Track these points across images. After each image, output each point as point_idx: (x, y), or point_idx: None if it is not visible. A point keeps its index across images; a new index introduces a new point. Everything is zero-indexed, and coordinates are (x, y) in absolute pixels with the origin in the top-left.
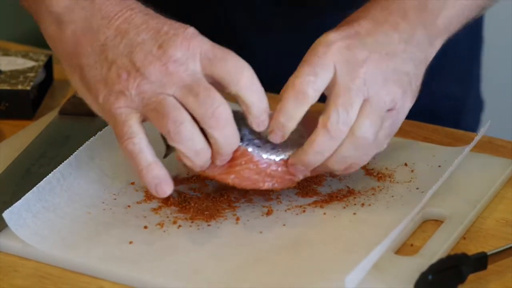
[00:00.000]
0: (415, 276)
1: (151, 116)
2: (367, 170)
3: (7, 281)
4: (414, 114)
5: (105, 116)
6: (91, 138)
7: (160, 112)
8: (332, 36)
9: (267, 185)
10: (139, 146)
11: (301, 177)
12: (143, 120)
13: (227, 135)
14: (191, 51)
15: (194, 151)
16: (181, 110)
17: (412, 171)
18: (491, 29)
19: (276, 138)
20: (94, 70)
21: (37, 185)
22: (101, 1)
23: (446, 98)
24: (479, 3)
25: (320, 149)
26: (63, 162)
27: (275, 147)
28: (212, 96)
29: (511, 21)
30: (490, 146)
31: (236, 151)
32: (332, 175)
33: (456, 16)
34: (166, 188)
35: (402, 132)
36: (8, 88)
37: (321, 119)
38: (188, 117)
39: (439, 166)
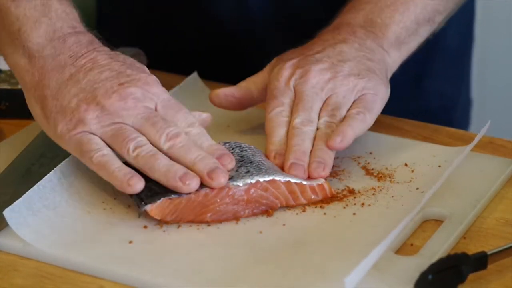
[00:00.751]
0: (415, 275)
1: (110, 141)
2: (367, 170)
3: (7, 281)
4: (409, 112)
5: (64, 144)
6: None
7: (120, 135)
8: (282, 60)
9: (247, 212)
10: (107, 157)
11: (301, 171)
12: None
13: (189, 147)
14: (149, 95)
15: (153, 157)
16: (139, 134)
17: (412, 171)
18: (491, 30)
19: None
20: (55, 101)
21: (38, 183)
22: (71, 42)
23: (439, 96)
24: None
25: (297, 143)
26: (63, 161)
27: (248, 171)
28: (168, 124)
29: (511, 21)
30: (490, 146)
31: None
32: (332, 175)
33: (405, 30)
34: (138, 180)
35: (402, 132)
36: (8, 87)
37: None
38: (145, 139)
39: (439, 166)
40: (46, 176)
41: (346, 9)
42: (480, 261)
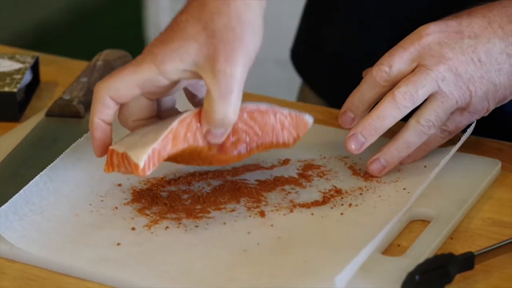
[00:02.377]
0: (402, 276)
1: None
2: (354, 170)
3: None
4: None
5: None
6: (78, 140)
7: None
8: (430, 29)
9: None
10: None
11: (355, 147)
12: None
13: None
14: None
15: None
16: None
17: (399, 170)
18: None
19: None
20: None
21: (24, 188)
22: None
23: None
24: None
25: (383, 114)
26: (50, 164)
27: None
28: None
29: None
30: (476, 146)
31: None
32: (319, 175)
33: None
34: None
35: (389, 132)
36: None
37: (392, 90)
38: None
39: (425, 166)
40: (32, 181)
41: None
42: (467, 261)
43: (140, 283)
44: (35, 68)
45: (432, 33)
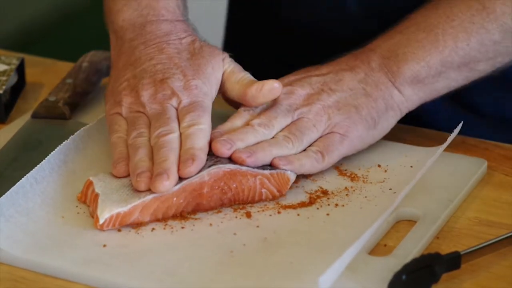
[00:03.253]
0: (389, 276)
1: (129, 124)
2: (340, 171)
3: None
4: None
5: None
6: (64, 142)
7: (134, 123)
8: (283, 79)
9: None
10: (119, 140)
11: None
12: None
13: (164, 151)
14: (181, 93)
15: (133, 159)
16: (146, 126)
17: (385, 171)
18: None
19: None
20: (113, 82)
21: (10, 190)
22: (149, 30)
23: None
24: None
25: (243, 137)
26: (36, 165)
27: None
28: (167, 124)
29: None
30: (462, 146)
31: None
32: (306, 176)
33: (427, 69)
34: (122, 166)
35: (389, 135)
36: None
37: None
38: (147, 133)
39: (411, 167)
40: (18, 182)
41: (384, 34)
42: (454, 261)
43: (126, 284)
44: (20, 69)
45: (287, 77)
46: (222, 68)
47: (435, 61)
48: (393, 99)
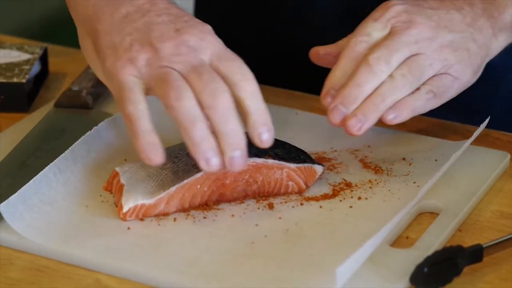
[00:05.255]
0: (411, 268)
1: (155, 84)
2: (365, 164)
3: (2, 274)
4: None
5: (109, 80)
6: (88, 133)
7: (165, 80)
8: (394, 1)
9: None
10: (140, 112)
11: (338, 119)
12: (146, 94)
13: (227, 117)
14: (204, 44)
15: (192, 120)
16: (184, 82)
17: (410, 164)
18: None
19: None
20: (108, 36)
21: (34, 178)
22: None
23: None
24: None
25: (360, 81)
26: (58, 154)
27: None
28: (215, 79)
29: None
30: (486, 139)
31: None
32: (330, 167)
33: None
34: (158, 155)
35: (398, 124)
36: (4, 80)
37: (365, 57)
38: (190, 91)
39: (436, 160)
40: (41, 171)
41: None
42: (476, 253)
43: (146, 274)
44: (43, 58)
45: (397, 4)
46: None
47: None
48: (490, 47)
